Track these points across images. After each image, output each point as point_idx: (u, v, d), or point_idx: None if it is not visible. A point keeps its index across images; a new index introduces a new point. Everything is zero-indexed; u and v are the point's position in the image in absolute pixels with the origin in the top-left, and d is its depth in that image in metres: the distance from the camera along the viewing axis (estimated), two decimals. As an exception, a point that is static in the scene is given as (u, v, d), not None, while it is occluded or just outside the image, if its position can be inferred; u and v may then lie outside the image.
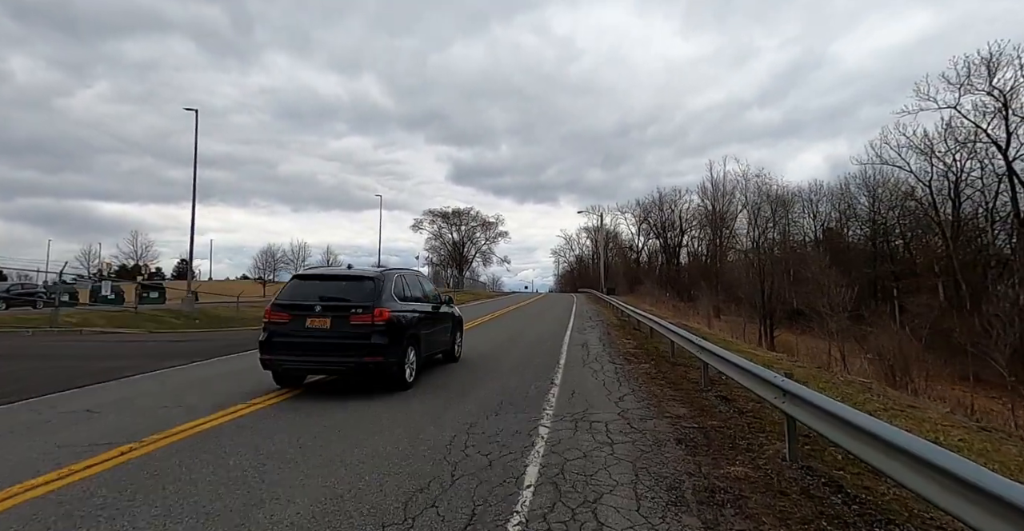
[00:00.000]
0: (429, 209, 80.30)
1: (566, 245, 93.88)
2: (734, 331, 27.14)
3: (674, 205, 74.09)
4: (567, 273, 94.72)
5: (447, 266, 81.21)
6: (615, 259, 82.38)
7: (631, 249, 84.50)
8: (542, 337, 13.91)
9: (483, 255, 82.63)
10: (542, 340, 13.12)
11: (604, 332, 15.80)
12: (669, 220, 76.06)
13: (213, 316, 25.17)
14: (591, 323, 19.16)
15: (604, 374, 8.51)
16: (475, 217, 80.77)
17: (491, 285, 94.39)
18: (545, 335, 14.38)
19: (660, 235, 78.05)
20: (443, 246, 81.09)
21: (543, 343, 12.45)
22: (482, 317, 20.98)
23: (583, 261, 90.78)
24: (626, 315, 21.67)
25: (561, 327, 17.07)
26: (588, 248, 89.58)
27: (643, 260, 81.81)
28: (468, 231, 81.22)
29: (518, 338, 13.78)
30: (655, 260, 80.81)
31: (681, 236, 75.77)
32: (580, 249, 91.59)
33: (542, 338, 13.60)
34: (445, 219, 79.54)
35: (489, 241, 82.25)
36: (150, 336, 17.16)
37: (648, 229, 79.43)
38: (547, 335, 14.38)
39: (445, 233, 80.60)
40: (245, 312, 28.04)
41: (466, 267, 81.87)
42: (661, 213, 75.03)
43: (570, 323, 18.67)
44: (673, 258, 76.78)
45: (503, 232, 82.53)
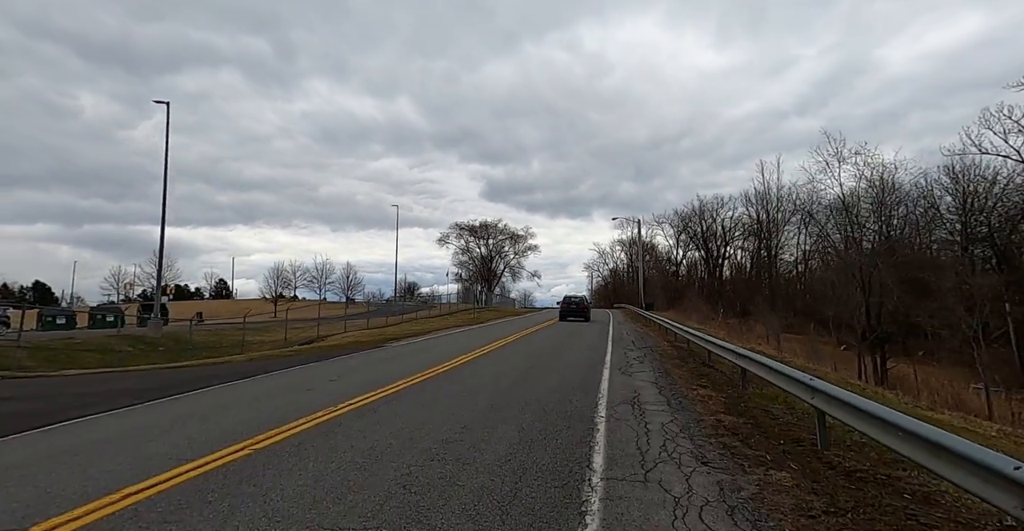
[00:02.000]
0: (456, 222, 76.17)
1: (600, 259, 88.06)
2: (818, 357, 21.13)
3: (716, 214, 67.72)
4: (601, 287, 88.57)
5: (475, 281, 76.65)
6: (652, 272, 76.04)
7: (669, 261, 78.13)
8: (563, 386, 8.70)
9: (512, 270, 77.68)
10: (563, 397, 7.81)
11: (660, 372, 10.43)
12: (711, 230, 69.67)
13: (186, 342, 21.01)
14: (636, 352, 13.81)
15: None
16: (503, 230, 76.13)
17: (522, 301, 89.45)
18: (568, 382, 9.18)
19: (701, 246, 71.57)
20: (471, 261, 76.72)
21: (563, 404, 7.24)
22: (490, 344, 15.92)
23: (618, 275, 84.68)
24: (680, 340, 16.18)
25: (595, 362, 11.79)
26: (623, 261, 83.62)
27: (682, 273, 75.32)
28: (496, 245, 76.58)
29: (521, 388, 8.68)
30: (694, 273, 74.24)
31: (724, 247, 69.20)
32: (615, 262, 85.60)
33: (563, 389, 8.40)
34: (472, 233, 75.18)
35: (518, 255, 77.35)
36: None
37: (688, 240, 73.08)
38: (570, 383, 9.17)
39: (473, 248, 76.21)
40: (228, 336, 23.79)
41: (495, 282, 77.05)
42: (703, 222, 68.64)
43: (607, 353, 13.37)
44: (716, 270, 70.13)
45: (533, 246, 77.50)
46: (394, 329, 24.86)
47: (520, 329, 22.79)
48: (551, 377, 9.26)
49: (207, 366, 12.24)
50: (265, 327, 28.03)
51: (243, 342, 20.87)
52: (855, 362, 23.44)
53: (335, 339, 21.47)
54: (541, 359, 12.04)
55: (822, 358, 21.40)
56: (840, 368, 20.27)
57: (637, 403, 7.10)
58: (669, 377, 9.56)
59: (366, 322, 28.19)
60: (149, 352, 18.28)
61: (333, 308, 50.62)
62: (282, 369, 10.61)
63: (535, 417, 6.14)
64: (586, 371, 10.05)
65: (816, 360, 19.36)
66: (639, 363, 11.57)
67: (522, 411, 6.46)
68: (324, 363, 11.65)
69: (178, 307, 53.28)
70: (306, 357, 13.18)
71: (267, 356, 13.88)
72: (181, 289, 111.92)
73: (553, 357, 12.51)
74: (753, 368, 7.61)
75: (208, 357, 16.43)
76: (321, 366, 11.13)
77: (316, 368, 10.84)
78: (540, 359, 12.04)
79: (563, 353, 13.37)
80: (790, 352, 24.41)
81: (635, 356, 12.89)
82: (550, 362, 11.47)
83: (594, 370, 10.20)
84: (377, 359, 12.38)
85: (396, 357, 12.79)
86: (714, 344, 10.70)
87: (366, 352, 14.26)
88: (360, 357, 12.95)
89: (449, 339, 18.41)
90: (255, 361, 12.63)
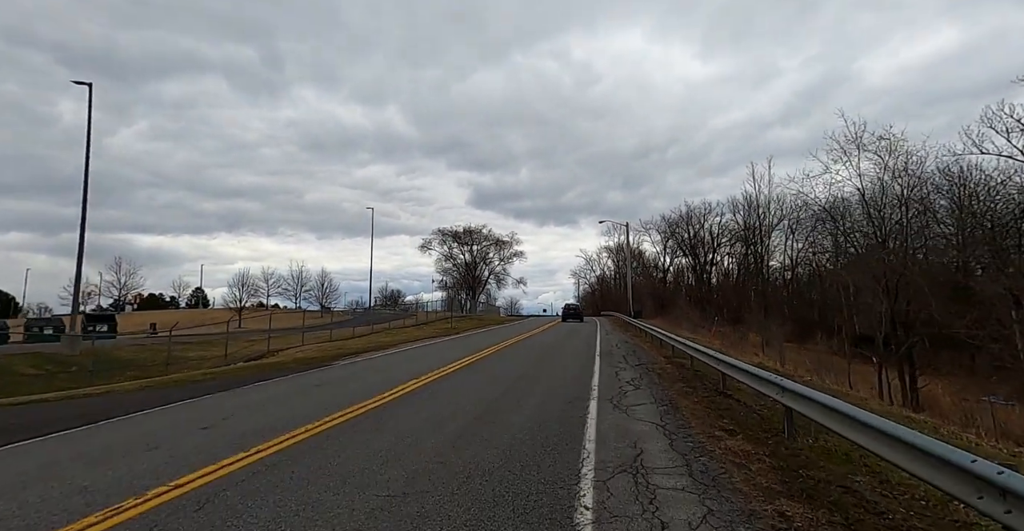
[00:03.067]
0: (439, 228, 73.44)
1: (586, 266, 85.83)
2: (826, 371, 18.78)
3: (703, 220, 65.96)
4: (588, 295, 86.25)
5: (460, 289, 73.86)
6: (639, 279, 73.90)
7: (656, 268, 76.21)
8: (533, 437, 6.08)
9: (497, 277, 75.03)
10: (530, 459, 5.10)
11: (663, 404, 7.87)
12: (698, 236, 67.90)
13: (109, 359, 18.03)
14: (629, 371, 11.28)
15: None
16: (488, 236, 73.54)
17: (509, 308, 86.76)
18: (541, 427, 6.59)
19: (689, 253, 69.70)
20: (455, 268, 73.95)
21: (526, 477, 4.61)
22: (456, 362, 13.30)
23: (605, 282, 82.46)
24: (680, 355, 13.70)
25: (578, 389, 9.24)
26: (610, 268, 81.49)
27: (669, 280, 73.36)
28: (480, 251, 73.94)
29: (471, 443, 6.10)
30: (682, 280, 72.35)
31: (713, 253, 67.38)
32: (602, 269, 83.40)
33: (532, 442, 5.82)
34: (456, 239, 72.45)
35: (503, 261, 74.77)
36: None
37: (675, 246, 71.21)
38: (545, 429, 6.59)
39: (456, 254, 73.48)
40: (164, 351, 20.82)
41: (479, 290, 74.32)
42: (690, 228, 66.81)
43: (595, 374, 10.83)
44: (704, 277, 68.26)
45: (518, 252, 75.00)
46: (358, 342, 22.09)
47: (499, 341, 20.18)
48: (517, 418, 6.66)
49: (57, 403, 9.41)
50: (216, 340, 25.05)
51: (168, 360, 17.90)
52: (873, 377, 21.01)
53: (286, 354, 18.68)
54: (513, 385, 9.44)
55: (831, 372, 19.07)
56: (857, 385, 17.95)
57: (641, 471, 4.53)
58: (678, 414, 7.02)
59: (329, 334, 25.36)
60: (57, 374, 15.36)
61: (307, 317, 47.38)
62: (161, 407, 7.87)
63: (474, 516, 3.53)
64: (566, 406, 7.46)
65: (827, 375, 17.01)
66: (635, 389, 9.02)
67: (456, 498, 3.85)
68: (226, 395, 8.92)
69: (142, 318, 49.75)
70: (221, 382, 10.44)
71: (174, 381, 11.11)
72: (156, 298, 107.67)
73: (528, 380, 9.92)
74: (808, 410, 5.12)
75: (119, 381, 13.59)
76: (218, 400, 8.40)
77: (206, 404, 8.12)
78: (511, 385, 9.44)
79: (541, 375, 10.77)
80: (793, 364, 22.10)
81: (628, 378, 10.34)
82: (523, 390, 8.87)
83: (577, 403, 7.62)
84: (302, 387, 9.69)
85: (330, 383, 10.09)
86: (734, 368, 8.18)
87: (303, 374, 11.55)
88: (287, 383, 10.24)
89: (412, 355, 15.76)
90: (148, 390, 9.85)
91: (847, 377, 19.95)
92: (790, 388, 5.65)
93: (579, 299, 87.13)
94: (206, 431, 6.07)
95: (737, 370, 8.03)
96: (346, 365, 13.40)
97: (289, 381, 10.43)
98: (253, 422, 6.49)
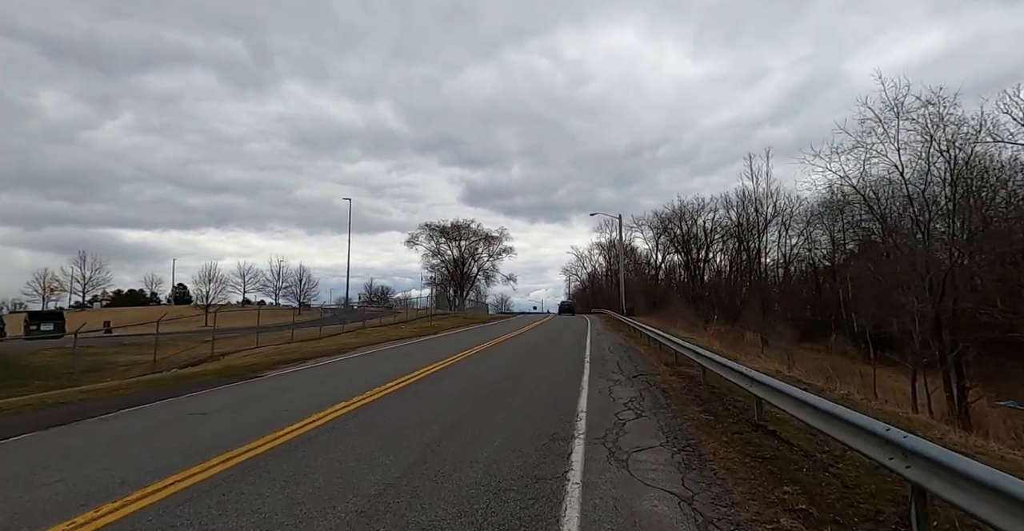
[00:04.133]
0: (426, 223, 70.69)
1: (577, 262, 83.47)
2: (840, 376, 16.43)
3: (696, 216, 63.76)
4: (579, 292, 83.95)
5: (447, 285, 71.16)
6: (631, 276, 71.65)
7: (648, 265, 73.98)
8: (483, 517, 3.64)
9: (486, 273, 72.40)
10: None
11: (683, 449, 5.36)
12: (691, 233, 65.71)
13: (15, 366, 15.29)
14: (628, 390, 8.78)
15: None
16: (476, 231, 70.90)
17: (500, 306, 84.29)
18: (502, 481, 4.13)
19: (682, 249, 67.50)
20: (443, 264, 71.24)
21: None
22: (420, 370, 10.76)
23: (596, 279, 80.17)
24: (685, 362, 11.24)
25: (561, 421, 6.74)
26: (601, 265, 79.20)
27: (661, 277, 71.17)
28: (469, 247, 71.28)
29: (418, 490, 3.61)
30: (673, 277, 70.21)
31: (706, 250, 65.25)
32: (593, 266, 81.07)
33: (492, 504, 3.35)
34: (444, 234, 69.74)
35: (493, 257, 72.14)
36: None
37: (668, 243, 68.98)
38: (505, 483, 4.12)
39: (445, 250, 70.73)
40: (99, 355, 18.07)
41: (467, 286, 71.68)
42: (683, 224, 64.57)
43: (582, 395, 8.33)
44: (696, 274, 66.09)
45: (508, 247, 72.39)
46: (318, 344, 19.47)
47: (478, 342, 17.67)
48: (455, 494, 4.11)
49: None
50: (168, 342, 22.27)
51: (94, 365, 15.23)
52: (897, 383, 18.64)
53: (229, 359, 16.05)
54: (473, 408, 6.93)
55: (851, 379, 16.76)
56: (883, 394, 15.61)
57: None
58: (706, 470, 4.51)
59: (291, 334, 22.69)
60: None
61: (281, 315, 44.64)
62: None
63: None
64: (539, 455, 4.91)
65: (847, 382, 14.66)
66: (636, 417, 6.52)
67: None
68: (59, 433, 6.31)
69: (101, 316, 46.51)
70: (87, 405, 7.81)
71: (35, 403, 8.44)
72: (136, 294, 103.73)
73: (494, 403, 7.38)
74: (957, 495, 2.65)
75: (6, 396, 10.90)
76: (28, 445, 5.80)
77: (27, 449, 5.52)
78: (471, 408, 6.92)
79: (513, 393, 8.23)
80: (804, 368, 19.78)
81: (627, 398, 7.84)
82: (486, 420, 6.34)
83: (555, 448, 5.09)
84: (177, 418, 7.10)
85: (225, 409, 7.48)
86: (778, 393, 5.65)
87: (208, 392, 8.94)
88: (170, 409, 7.63)
89: (374, 360, 13.21)
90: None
91: (872, 387, 17.59)
92: (921, 451, 3.14)
93: (570, 296, 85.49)
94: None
95: (782, 397, 5.54)
96: (277, 377, 10.80)
97: (178, 405, 7.80)
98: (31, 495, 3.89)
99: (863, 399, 10.23)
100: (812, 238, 53.51)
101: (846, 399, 8.85)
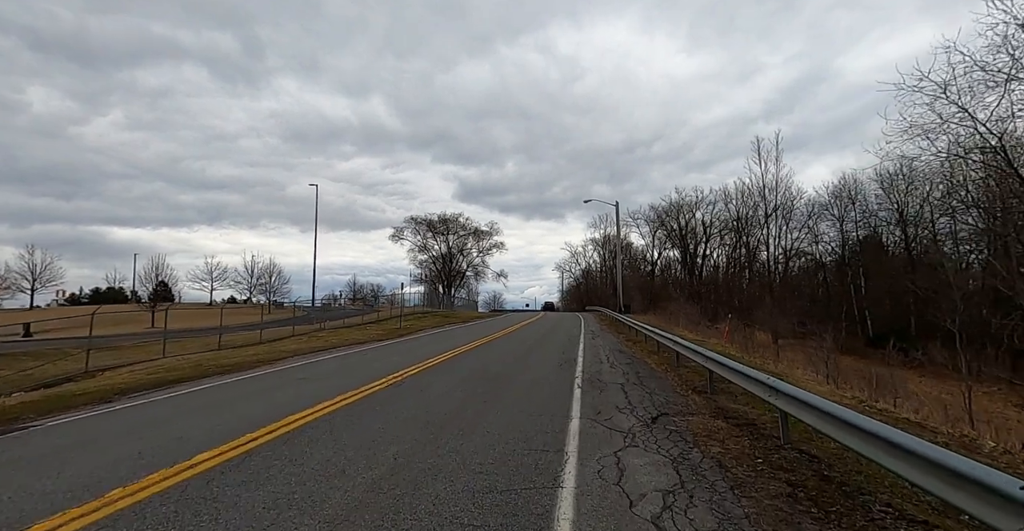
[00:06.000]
0: (412, 216, 66.37)
1: (572, 259, 79.32)
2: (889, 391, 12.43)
3: (694, 210, 59.85)
4: (573, 288, 79.94)
5: (435, 282, 66.94)
6: (627, 272, 67.72)
7: (644, 260, 69.98)
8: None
9: (476, 269, 68.19)
10: None
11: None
12: (689, 227, 61.80)
13: None
14: (650, 444, 4.69)
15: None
16: (465, 225, 66.67)
17: (492, 303, 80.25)
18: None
19: (679, 244, 63.57)
20: (431, 260, 66.97)
21: None
22: (350, 394, 6.66)
23: (591, 275, 76.10)
24: (717, 380, 7.15)
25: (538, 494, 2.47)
26: (596, 262, 75.17)
27: (657, 273, 67.20)
28: (458, 242, 67.05)
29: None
30: (668, 273, 66.24)
31: (704, 245, 61.34)
32: (587, 262, 77.00)
33: None
34: (431, 228, 65.47)
35: (483, 253, 67.96)
36: None
37: (664, 237, 65.02)
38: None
39: (432, 245, 66.44)
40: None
41: (457, 283, 67.46)
42: (681, 217, 60.61)
43: (568, 442, 4.24)
44: (694, 270, 62.18)
45: (499, 243, 68.19)
46: (249, 352, 15.32)
47: (447, 350, 13.54)
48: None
49: None
50: (72, 349, 18.02)
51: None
52: (942, 395, 14.69)
53: (101, 378, 11.89)
54: (393, 477, 2.84)
55: (918, 399, 12.75)
56: (944, 411, 11.55)
57: None
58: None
59: (218, 340, 18.48)
60: None
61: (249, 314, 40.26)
62: None
63: None
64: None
65: (930, 409, 10.67)
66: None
67: None
68: None
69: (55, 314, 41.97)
70: None
71: None
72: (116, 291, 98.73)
73: (428, 472, 3.30)
74: None
75: None
76: None
77: None
78: (392, 478, 2.83)
79: (434, 477, 4.14)
80: (845, 379, 15.76)
81: (656, 495, 3.74)
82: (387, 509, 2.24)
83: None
84: None
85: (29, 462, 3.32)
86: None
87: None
88: None
89: (300, 379, 9.09)
90: None
91: (967, 411, 13.48)
92: None
93: (563, 293, 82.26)
94: None
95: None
96: (81, 421, 6.65)
97: None
98: None
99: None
100: (816, 232, 49.72)
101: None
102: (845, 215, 44.89)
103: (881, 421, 3.83)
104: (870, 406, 7.42)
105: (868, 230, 44.46)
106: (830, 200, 44.08)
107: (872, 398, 8.82)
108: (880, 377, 16.29)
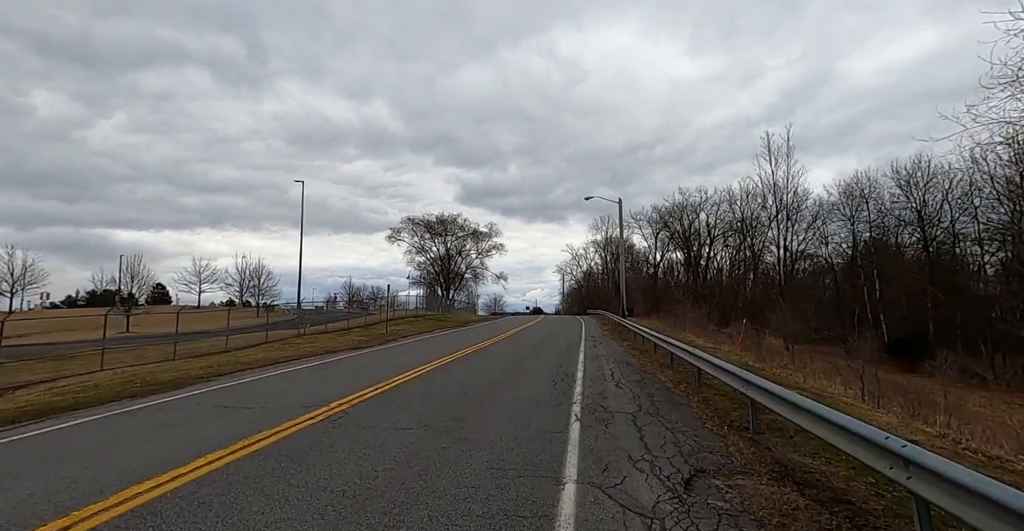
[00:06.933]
0: (409, 217, 64.43)
1: (573, 261, 77.29)
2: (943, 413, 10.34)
3: (698, 211, 57.77)
4: (574, 291, 77.85)
5: (432, 284, 64.88)
6: (629, 274, 65.63)
7: (647, 263, 67.83)
8: None
9: (475, 271, 66.17)
10: None
11: None
12: (693, 228, 59.67)
13: None
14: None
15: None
16: (463, 226, 64.68)
17: (493, 306, 78.23)
18: None
19: (683, 246, 61.42)
20: (428, 262, 64.97)
21: None
22: (266, 434, 4.66)
23: (592, 278, 74.02)
24: (769, 418, 5.08)
25: None
26: (597, 264, 73.10)
27: (660, 275, 65.07)
28: (456, 243, 65.06)
29: None
30: (670, 276, 64.10)
31: (709, 246, 59.20)
32: (589, 265, 74.93)
33: None
34: (429, 228, 63.49)
35: (482, 254, 65.96)
36: None
37: (667, 239, 62.87)
38: None
39: (430, 246, 64.44)
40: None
41: (455, 285, 65.44)
42: (684, 218, 58.51)
43: (561, 524, 2.20)
44: (698, 272, 60.05)
45: (498, 244, 66.19)
46: (202, 363, 13.32)
47: (426, 361, 11.50)
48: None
49: None
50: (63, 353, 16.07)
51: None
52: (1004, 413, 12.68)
53: (22, 395, 9.92)
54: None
55: (977, 422, 10.70)
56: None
57: None
58: None
59: (173, 348, 16.48)
60: None
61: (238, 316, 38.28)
62: None
63: None
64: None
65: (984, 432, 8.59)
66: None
67: None
68: None
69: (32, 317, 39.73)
70: None
71: None
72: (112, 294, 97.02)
73: None
74: None
75: None
76: None
77: None
78: None
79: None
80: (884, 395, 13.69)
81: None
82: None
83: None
84: None
85: None
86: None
87: None
88: None
89: (217, 407, 7.10)
90: None
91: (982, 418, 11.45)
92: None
93: (564, 295, 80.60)
94: None
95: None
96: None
97: None
98: None
99: None
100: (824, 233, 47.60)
101: None
102: (857, 215, 42.82)
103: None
104: (986, 456, 5.38)
105: (882, 230, 42.42)
106: (841, 199, 42.02)
107: (960, 433, 6.75)
108: (919, 392, 14.20)
